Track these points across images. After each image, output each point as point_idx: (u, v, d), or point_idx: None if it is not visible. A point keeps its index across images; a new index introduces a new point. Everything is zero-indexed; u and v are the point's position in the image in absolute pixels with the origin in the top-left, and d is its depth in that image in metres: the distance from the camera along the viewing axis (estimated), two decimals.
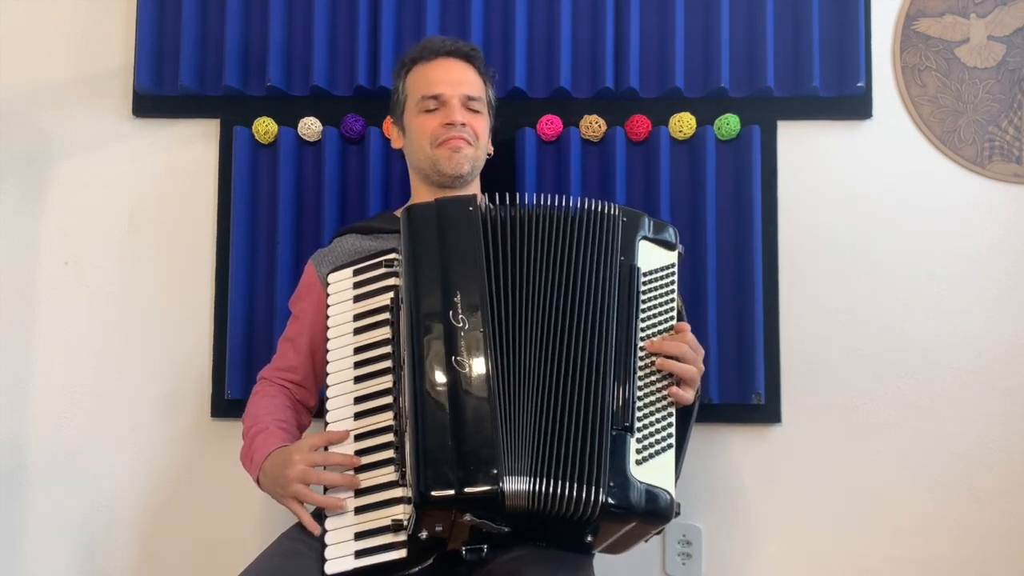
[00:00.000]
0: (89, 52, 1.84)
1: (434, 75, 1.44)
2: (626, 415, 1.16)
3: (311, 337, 1.44)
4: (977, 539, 1.67)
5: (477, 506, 1.11)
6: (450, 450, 1.11)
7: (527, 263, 1.23)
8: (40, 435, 1.80)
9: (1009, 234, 1.70)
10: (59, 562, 1.78)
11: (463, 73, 1.46)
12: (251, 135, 1.76)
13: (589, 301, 1.21)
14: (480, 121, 1.46)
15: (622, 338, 1.20)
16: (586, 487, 1.11)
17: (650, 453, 1.17)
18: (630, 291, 1.22)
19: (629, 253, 1.25)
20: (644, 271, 1.25)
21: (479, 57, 1.49)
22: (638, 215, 1.29)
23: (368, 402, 1.25)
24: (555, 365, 1.18)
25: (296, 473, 1.22)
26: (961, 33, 1.72)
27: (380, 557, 1.15)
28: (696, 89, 1.72)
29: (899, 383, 1.70)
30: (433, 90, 1.43)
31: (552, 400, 1.16)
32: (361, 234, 1.49)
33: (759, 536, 1.70)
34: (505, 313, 1.20)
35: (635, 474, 1.14)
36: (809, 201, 1.73)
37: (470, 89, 1.44)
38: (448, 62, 1.45)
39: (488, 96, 1.50)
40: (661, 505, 1.14)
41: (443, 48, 1.46)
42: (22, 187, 1.83)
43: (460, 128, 1.41)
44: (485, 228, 1.24)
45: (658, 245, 1.29)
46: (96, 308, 1.80)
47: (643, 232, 1.27)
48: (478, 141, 1.45)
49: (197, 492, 1.78)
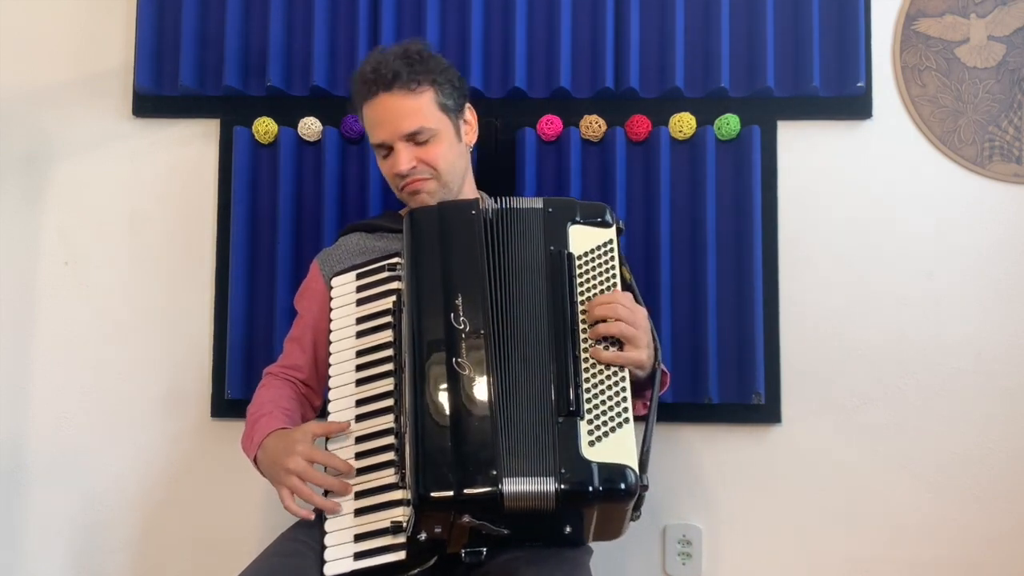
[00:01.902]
0: (89, 52, 1.84)
1: (373, 119, 1.38)
2: (571, 400, 1.16)
3: (315, 335, 1.44)
4: (977, 539, 1.67)
5: (476, 507, 1.11)
6: (449, 452, 1.12)
7: (500, 263, 1.25)
8: (40, 435, 1.80)
9: (1009, 234, 1.70)
10: (59, 562, 1.78)
11: (398, 108, 1.35)
12: (251, 135, 1.76)
13: (523, 295, 1.23)
14: (433, 148, 1.37)
15: (559, 324, 1.21)
16: (540, 480, 1.11)
17: (604, 432, 1.16)
18: (563, 277, 1.24)
19: (559, 240, 1.26)
20: (579, 254, 1.27)
21: (405, 74, 1.35)
22: (567, 202, 1.31)
23: (369, 404, 1.26)
24: (518, 362, 1.19)
25: (295, 466, 1.21)
26: (961, 33, 1.72)
27: (379, 559, 1.16)
28: (696, 89, 1.72)
29: (899, 383, 1.70)
30: (376, 139, 1.39)
31: (521, 397, 1.17)
32: (366, 232, 1.50)
33: (759, 536, 1.70)
34: (499, 315, 1.21)
35: (588, 455, 1.13)
36: (809, 201, 1.73)
37: (409, 124, 1.35)
38: (382, 100, 1.36)
39: (439, 101, 1.38)
40: (621, 480, 1.13)
41: (374, 84, 1.36)
42: (22, 187, 1.83)
43: (413, 171, 1.37)
44: (486, 232, 1.25)
45: (591, 225, 1.30)
46: (96, 308, 1.80)
47: (572, 218, 1.29)
48: (438, 168, 1.38)
49: (197, 492, 1.78)
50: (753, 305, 1.66)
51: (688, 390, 1.67)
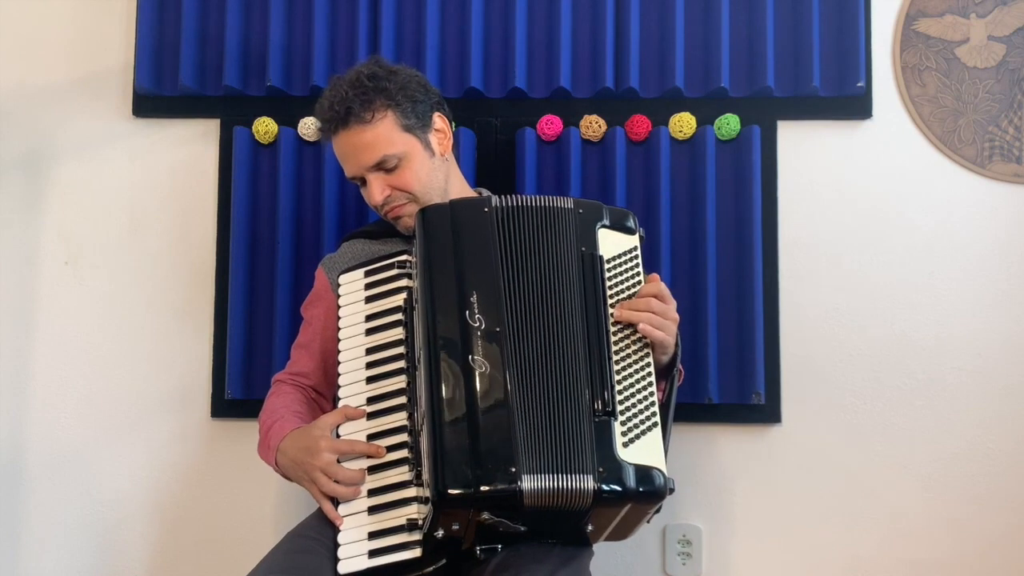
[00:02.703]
0: (89, 52, 1.84)
1: (339, 154, 1.39)
2: (606, 400, 1.16)
3: (323, 343, 1.44)
4: (977, 539, 1.67)
5: (495, 504, 1.11)
6: (468, 448, 1.12)
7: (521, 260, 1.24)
8: (40, 435, 1.80)
9: (1009, 234, 1.70)
10: (59, 562, 1.78)
11: (356, 142, 1.34)
12: (251, 135, 1.76)
13: (558, 293, 1.22)
14: (402, 175, 1.36)
15: (592, 325, 1.21)
16: (579, 476, 1.12)
17: (636, 434, 1.17)
18: (595, 279, 1.24)
19: (590, 242, 1.26)
20: (607, 258, 1.27)
21: (365, 101, 1.33)
22: (595, 205, 1.30)
23: (381, 402, 1.25)
24: (544, 360, 1.19)
25: (322, 463, 1.22)
26: (961, 33, 1.72)
27: (394, 556, 1.16)
28: (696, 89, 1.72)
29: (899, 383, 1.70)
30: (347, 173, 1.40)
31: (549, 395, 1.17)
32: (369, 239, 1.50)
33: (759, 536, 1.70)
34: (517, 313, 1.21)
35: (624, 456, 1.14)
36: (809, 201, 1.73)
37: (370, 156, 1.34)
38: (341, 138, 1.35)
39: (401, 127, 1.35)
40: (655, 483, 1.14)
41: (331, 122, 1.35)
42: (22, 187, 1.83)
43: (388, 200, 1.37)
44: (503, 227, 1.25)
45: (618, 231, 1.30)
46: (96, 308, 1.80)
47: (602, 221, 1.29)
48: (413, 190, 1.37)
49: (197, 492, 1.77)
50: (753, 305, 1.66)
51: (688, 390, 1.66)
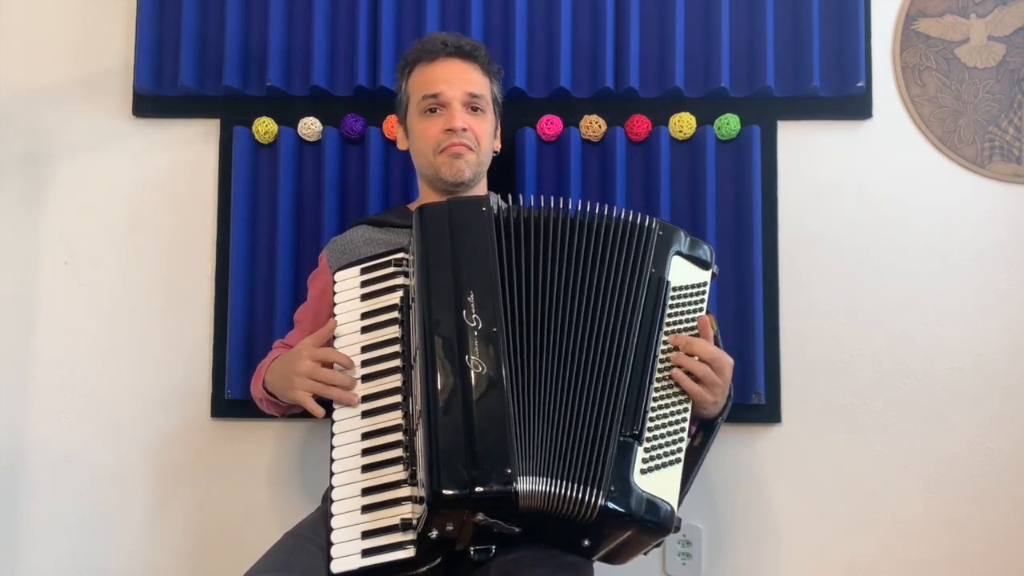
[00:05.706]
0: (89, 52, 1.84)
1: (435, 75, 1.44)
2: (636, 423, 1.15)
3: (315, 316, 1.50)
4: (977, 539, 1.67)
5: (490, 505, 1.10)
6: (463, 449, 1.10)
7: (546, 266, 1.22)
8: (40, 434, 1.80)
9: (1009, 234, 1.70)
10: (58, 561, 1.78)
11: (465, 72, 1.45)
12: (251, 135, 1.76)
13: (613, 308, 1.21)
14: (482, 124, 1.45)
15: (641, 348, 1.20)
16: (588, 488, 1.11)
17: (656, 464, 1.16)
18: (656, 302, 1.23)
19: (660, 266, 1.25)
20: (674, 286, 1.26)
21: (482, 54, 1.48)
22: (674, 230, 1.29)
23: (376, 401, 1.25)
24: (571, 368, 1.18)
25: (305, 368, 1.27)
26: (961, 33, 1.72)
27: (388, 556, 1.15)
28: (696, 89, 1.72)
29: (899, 383, 1.70)
30: (433, 89, 1.43)
31: (564, 402, 1.16)
32: (374, 226, 1.52)
33: (759, 536, 1.70)
34: (521, 314, 1.19)
35: (637, 482, 1.13)
36: (809, 201, 1.73)
37: (472, 87, 1.44)
38: (449, 63, 1.44)
39: (493, 93, 1.50)
40: (661, 516, 1.13)
41: (444, 48, 1.45)
42: (22, 187, 1.83)
43: (461, 134, 1.42)
44: (499, 229, 1.24)
45: (691, 262, 1.29)
46: (96, 308, 1.80)
47: (677, 247, 1.28)
48: (480, 146, 1.44)
49: (197, 492, 1.78)
50: (753, 305, 1.66)
51: None
